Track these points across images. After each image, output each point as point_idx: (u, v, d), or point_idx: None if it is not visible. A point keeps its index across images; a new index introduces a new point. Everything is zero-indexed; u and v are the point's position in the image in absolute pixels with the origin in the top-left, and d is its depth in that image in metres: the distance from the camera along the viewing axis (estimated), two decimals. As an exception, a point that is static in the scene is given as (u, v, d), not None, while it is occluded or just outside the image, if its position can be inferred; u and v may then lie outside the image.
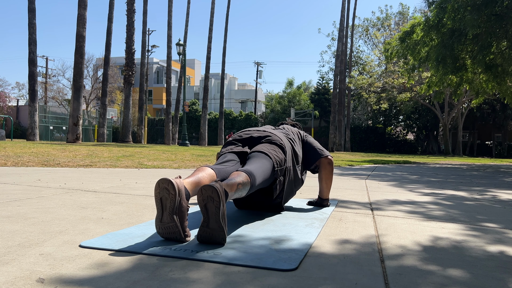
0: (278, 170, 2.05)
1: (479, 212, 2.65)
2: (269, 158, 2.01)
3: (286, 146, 2.21)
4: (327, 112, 31.49)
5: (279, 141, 2.18)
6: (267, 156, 2.02)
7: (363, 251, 1.54)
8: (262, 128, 2.35)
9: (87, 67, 36.82)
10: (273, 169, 2.00)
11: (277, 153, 2.09)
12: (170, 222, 1.51)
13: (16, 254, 1.35)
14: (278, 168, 2.05)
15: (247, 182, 1.73)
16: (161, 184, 1.51)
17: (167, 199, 1.50)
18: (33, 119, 16.13)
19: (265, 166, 1.94)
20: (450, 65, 10.15)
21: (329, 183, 2.54)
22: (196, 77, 51.31)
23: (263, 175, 1.89)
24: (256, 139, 2.21)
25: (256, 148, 2.10)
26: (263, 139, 2.19)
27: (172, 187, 1.49)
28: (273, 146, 2.13)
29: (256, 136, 2.22)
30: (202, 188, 1.49)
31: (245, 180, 1.72)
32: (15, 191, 2.84)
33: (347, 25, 25.36)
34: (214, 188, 1.47)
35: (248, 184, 1.74)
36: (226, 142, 2.27)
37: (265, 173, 1.92)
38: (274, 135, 2.23)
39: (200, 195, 1.50)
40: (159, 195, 1.52)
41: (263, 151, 2.05)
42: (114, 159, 6.94)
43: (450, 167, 9.16)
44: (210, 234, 1.51)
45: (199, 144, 24.87)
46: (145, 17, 21.60)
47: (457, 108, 25.87)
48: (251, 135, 2.24)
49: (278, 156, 2.08)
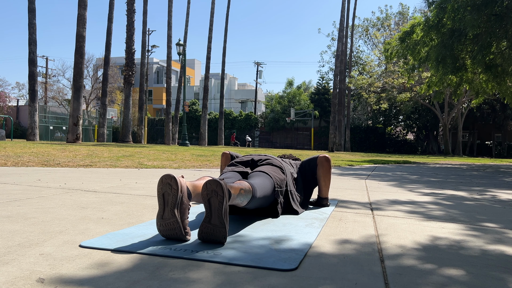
0: (279, 191, 2.09)
1: (479, 212, 2.65)
2: (270, 178, 2.05)
3: (286, 169, 2.26)
4: (327, 112, 31.49)
5: (279, 163, 2.24)
6: (268, 176, 2.06)
7: (363, 251, 1.54)
8: (263, 153, 2.45)
9: (87, 67, 36.83)
10: (274, 189, 2.04)
11: (277, 174, 2.13)
12: (171, 218, 1.52)
13: (16, 254, 1.35)
14: (278, 189, 2.08)
15: (249, 190, 1.77)
16: (164, 180, 1.53)
17: (170, 195, 1.52)
18: (33, 119, 16.13)
19: (266, 183, 1.98)
20: (450, 65, 10.15)
21: (328, 181, 2.55)
22: (196, 77, 51.31)
23: (264, 191, 1.93)
24: (256, 162, 2.28)
25: (257, 169, 2.16)
26: (263, 162, 2.26)
27: (175, 182, 1.52)
28: (273, 168, 2.18)
29: (257, 159, 2.29)
30: (207, 183, 1.51)
31: (247, 188, 1.76)
32: (15, 191, 2.84)
33: (347, 25, 25.36)
34: (218, 183, 1.50)
35: (249, 193, 1.76)
36: (228, 164, 2.34)
37: (266, 189, 1.95)
38: (274, 158, 2.30)
39: (204, 189, 1.52)
40: (162, 191, 1.54)
41: (264, 171, 2.10)
42: (114, 159, 6.94)
43: (450, 167, 9.16)
44: (212, 230, 1.52)
45: (199, 144, 24.87)
46: (145, 17, 21.60)
47: (457, 108, 25.87)
48: (252, 158, 2.31)
49: (279, 177, 2.12)
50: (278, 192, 2.08)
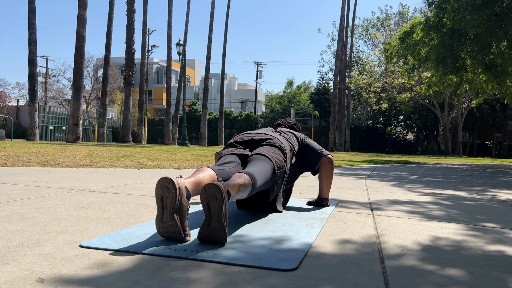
0: (278, 173, 2.07)
1: (479, 212, 2.65)
2: (269, 161, 2.02)
3: (286, 149, 2.23)
4: (327, 112, 31.49)
5: (280, 144, 2.20)
6: (268, 159, 2.03)
7: (363, 251, 1.54)
8: (263, 131, 2.37)
9: (87, 67, 36.82)
10: (274, 172, 2.02)
11: (277, 156, 2.10)
12: (171, 221, 1.51)
13: (16, 254, 1.35)
14: (278, 171, 2.06)
15: (249, 184, 1.74)
16: (162, 183, 1.52)
17: (168, 198, 1.51)
18: (33, 119, 16.13)
19: (266, 169, 1.95)
20: (450, 65, 10.15)
21: (329, 182, 2.55)
22: (196, 77, 51.31)
23: (264, 178, 1.90)
24: (257, 142, 2.22)
25: (257, 151, 2.12)
26: (263, 142, 2.21)
27: (173, 186, 1.50)
28: (273, 149, 2.14)
29: (257, 139, 2.24)
30: (205, 187, 1.50)
31: (246, 182, 1.73)
32: (15, 191, 2.84)
33: (347, 25, 25.35)
34: (217, 187, 1.48)
35: (249, 186, 1.75)
36: (227, 144, 2.28)
37: (266, 175, 1.93)
38: (274, 138, 2.25)
39: (203, 193, 1.50)
40: (160, 194, 1.52)
41: (264, 153, 2.07)
42: (114, 159, 6.93)
43: (450, 167, 9.16)
44: (212, 233, 1.51)
45: (199, 144, 24.87)
46: (145, 17, 21.60)
47: (457, 108, 25.87)
48: (252, 138, 2.25)
49: (279, 159, 2.10)
50: (278, 174, 2.06)
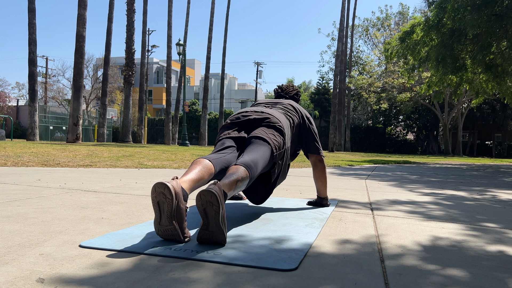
0: (277, 154, 2.02)
1: (479, 212, 2.65)
2: (268, 145, 1.96)
3: (285, 127, 2.15)
4: (327, 112, 31.50)
5: (278, 123, 2.12)
6: (266, 143, 1.97)
7: (363, 251, 1.54)
8: (260, 109, 2.25)
9: (87, 67, 36.82)
10: (272, 154, 1.97)
11: (275, 137, 2.04)
12: (169, 225, 1.50)
13: (16, 254, 1.35)
14: (277, 153, 2.01)
15: (246, 177, 1.71)
16: (157, 189, 1.49)
17: (164, 203, 1.48)
18: (33, 119, 16.13)
19: (264, 154, 1.90)
20: (450, 65, 10.15)
21: (324, 180, 2.52)
22: (196, 77, 51.30)
23: (263, 164, 1.86)
24: (254, 122, 2.13)
25: (254, 133, 2.04)
26: (261, 122, 2.12)
27: (169, 191, 1.46)
28: (271, 130, 2.07)
29: (253, 119, 2.14)
30: (200, 193, 1.47)
31: (244, 175, 1.70)
32: (15, 191, 2.84)
33: (347, 25, 25.35)
34: (213, 193, 1.45)
35: (247, 178, 1.72)
36: (223, 125, 2.18)
37: (264, 161, 1.88)
38: (273, 116, 2.15)
39: (199, 200, 1.48)
40: (156, 199, 1.50)
41: (262, 136, 1.99)
42: (114, 159, 6.93)
43: (450, 167, 9.16)
44: (210, 236, 1.51)
45: (199, 144, 24.87)
46: (145, 17, 21.59)
47: (457, 108, 25.88)
48: (248, 117, 2.15)
49: (277, 139, 2.03)
50: (277, 155, 2.01)
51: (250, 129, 2.11)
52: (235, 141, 2.05)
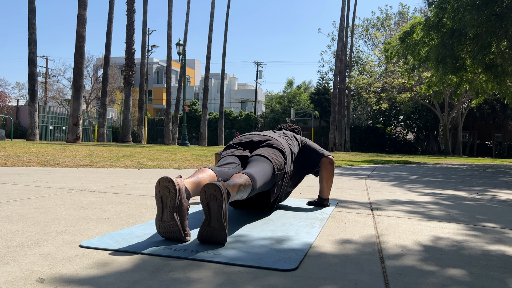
0: (278, 174, 2.07)
1: (479, 212, 2.65)
2: (269, 162, 2.02)
3: (286, 151, 2.22)
4: (327, 112, 31.49)
5: (279, 145, 2.20)
6: (268, 160, 2.03)
7: (363, 251, 1.54)
8: (263, 133, 2.37)
9: (87, 67, 36.82)
10: (274, 173, 2.02)
11: (277, 157, 2.10)
12: (171, 220, 1.51)
13: (16, 254, 1.35)
14: (278, 172, 2.06)
15: (249, 184, 1.74)
16: (162, 183, 1.52)
17: (168, 198, 1.51)
18: (33, 119, 16.13)
19: (266, 170, 1.95)
20: (450, 65, 10.15)
21: (330, 183, 2.55)
22: (196, 77, 51.30)
23: (264, 179, 1.90)
24: (257, 143, 2.22)
25: (256, 152, 2.11)
26: (263, 143, 2.20)
27: (173, 185, 1.50)
28: (273, 150, 2.14)
29: (257, 140, 2.23)
30: (205, 186, 1.50)
31: (246, 182, 1.73)
32: (15, 191, 2.84)
33: (347, 25, 25.36)
34: (217, 187, 1.48)
35: (249, 187, 1.74)
36: (226, 146, 2.28)
37: (266, 176, 1.93)
38: (274, 139, 2.24)
39: (203, 193, 1.50)
40: (160, 194, 1.52)
41: (264, 154, 2.06)
42: (114, 159, 6.93)
43: (450, 167, 9.16)
44: (211, 233, 1.51)
45: (199, 144, 24.87)
46: (145, 17, 21.60)
47: (457, 108, 25.88)
48: (251, 139, 2.25)
49: (279, 160, 2.09)
50: (278, 175, 2.06)
51: (253, 150, 2.20)
52: (238, 159, 2.11)
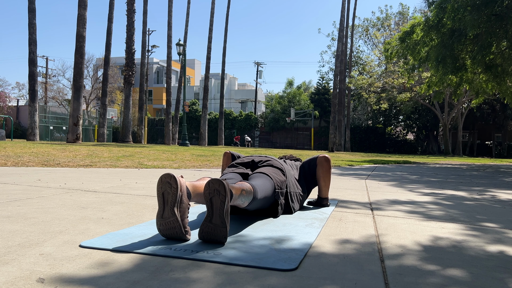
0: (279, 192, 2.09)
1: (479, 212, 2.65)
2: (270, 179, 2.05)
3: (286, 170, 2.26)
4: (327, 112, 31.49)
5: (280, 165, 2.24)
6: (268, 177, 2.06)
7: (363, 251, 1.54)
8: (264, 154, 2.43)
9: (87, 67, 36.83)
10: (274, 190, 2.04)
11: (277, 176, 2.13)
12: (171, 216, 1.52)
13: (16, 254, 1.35)
14: (279, 190, 2.08)
15: (250, 192, 1.77)
16: (164, 179, 1.54)
17: (169, 194, 1.53)
18: (33, 119, 16.13)
19: (266, 185, 1.98)
20: (450, 65, 10.15)
21: (328, 181, 2.55)
22: (196, 77, 51.30)
23: (265, 192, 1.93)
24: (257, 163, 2.27)
25: (257, 170, 2.16)
26: (263, 163, 2.25)
27: (175, 181, 1.52)
28: (274, 169, 2.18)
29: (257, 160, 2.28)
30: (209, 182, 1.52)
31: (248, 189, 1.76)
32: (15, 191, 2.84)
33: (347, 25, 25.35)
34: (221, 182, 1.50)
35: (251, 194, 1.77)
36: (228, 165, 2.33)
37: (266, 190, 1.95)
38: (274, 160, 2.29)
39: (207, 188, 1.52)
40: (162, 190, 1.54)
41: (264, 172, 2.10)
42: (114, 159, 6.93)
43: (450, 167, 9.16)
44: (213, 229, 1.52)
45: (199, 144, 24.87)
46: (145, 17, 21.60)
47: (457, 108, 25.88)
48: (252, 159, 2.30)
49: (279, 178, 2.12)
50: (279, 193, 2.09)
51: (254, 169, 2.24)
52: (240, 176, 2.14)
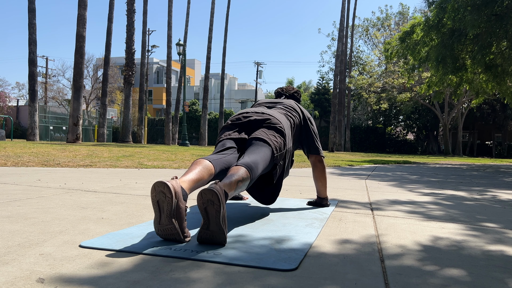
0: (278, 156, 2.03)
1: (479, 212, 2.65)
2: (268, 146, 1.98)
3: (286, 129, 2.16)
4: (327, 112, 31.50)
5: (279, 124, 2.13)
6: (267, 144, 1.98)
7: (363, 251, 1.54)
8: (261, 109, 2.26)
9: (87, 67, 36.83)
10: (273, 155, 1.98)
11: (276, 138, 2.05)
12: (169, 224, 1.50)
13: (16, 254, 1.35)
14: (277, 154, 2.02)
15: (247, 177, 1.72)
16: (157, 188, 1.49)
17: (164, 202, 1.48)
18: (33, 119, 16.12)
19: (265, 155, 1.91)
20: (450, 65, 10.15)
21: (324, 181, 2.53)
22: (196, 77, 51.30)
23: (263, 165, 1.87)
24: (254, 123, 2.14)
25: (255, 135, 2.05)
26: (262, 123, 2.13)
27: (168, 190, 1.47)
28: (272, 131, 2.08)
29: (254, 120, 2.15)
30: (202, 192, 1.48)
31: (245, 176, 1.70)
32: (15, 191, 2.84)
33: (347, 25, 25.35)
34: (214, 192, 1.46)
35: (248, 179, 1.72)
36: (224, 126, 2.20)
37: (265, 162, 1.90)
38: (273, 117, 2.16)
39: (200, 199, 1.48)
40: (156, 198, 1.51)
41: (263, 138, 2.01)
42: (114, 159, 6.93)
43: (450, 167, 9.16)
44: (211, 236, 1.51)
45: (199, 144, 24.87)
46: (145, 17, 21.59)
47: (457, 108, 25.89)
48: (249, 119, 2.17)
49: (278, 140, 2.05)
50: (278, 157, 2.02)
51: (251, 130, 2.13)
52: (236, 142, 2.06)
